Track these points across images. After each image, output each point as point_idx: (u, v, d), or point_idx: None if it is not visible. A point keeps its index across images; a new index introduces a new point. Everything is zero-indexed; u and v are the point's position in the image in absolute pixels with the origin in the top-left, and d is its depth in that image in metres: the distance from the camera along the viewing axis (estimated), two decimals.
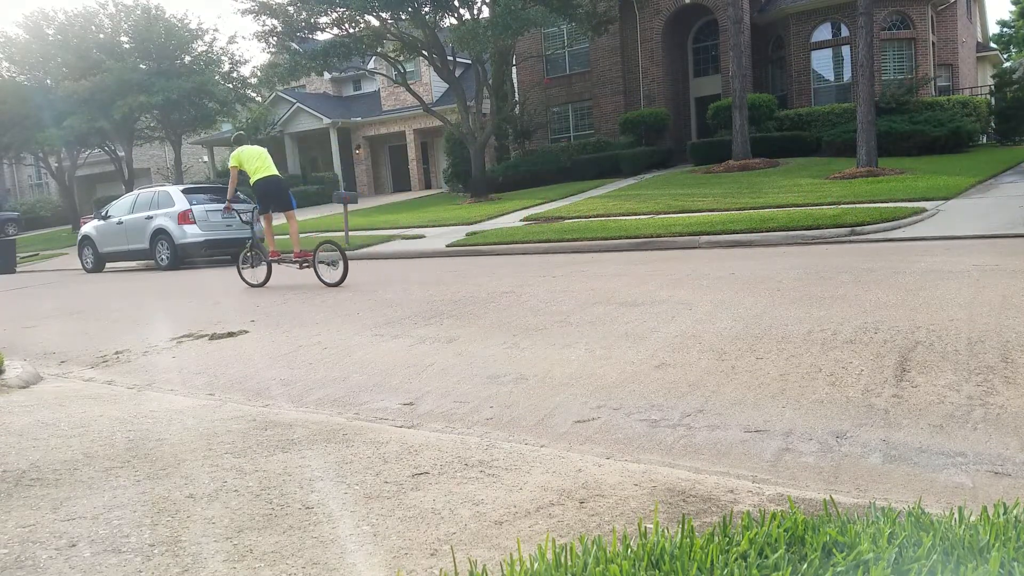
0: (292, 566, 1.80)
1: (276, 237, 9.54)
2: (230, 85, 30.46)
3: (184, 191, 14.62)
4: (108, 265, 15.99)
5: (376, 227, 17.00)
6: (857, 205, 11.07)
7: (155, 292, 10.26)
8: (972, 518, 1.68)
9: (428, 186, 32.70)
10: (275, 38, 21.61)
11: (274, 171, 8.85)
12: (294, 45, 22.12)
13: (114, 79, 26.13)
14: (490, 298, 6.41)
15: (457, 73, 23.11)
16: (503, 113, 23.88)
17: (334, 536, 1.97)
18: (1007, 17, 42.55)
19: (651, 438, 2.88)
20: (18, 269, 17.97)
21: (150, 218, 14.31)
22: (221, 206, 14.41)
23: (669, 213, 13.02)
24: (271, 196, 8.89)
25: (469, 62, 24.32)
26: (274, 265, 9.10)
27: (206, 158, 37.71)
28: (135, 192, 15.92)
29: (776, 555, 1.55)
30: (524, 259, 10.15)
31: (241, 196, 15.31)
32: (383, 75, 30.10)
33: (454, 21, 21.70)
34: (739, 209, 12.16)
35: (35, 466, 2.66)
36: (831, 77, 22.92)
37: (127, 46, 29.62)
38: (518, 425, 3.17)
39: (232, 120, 31.78)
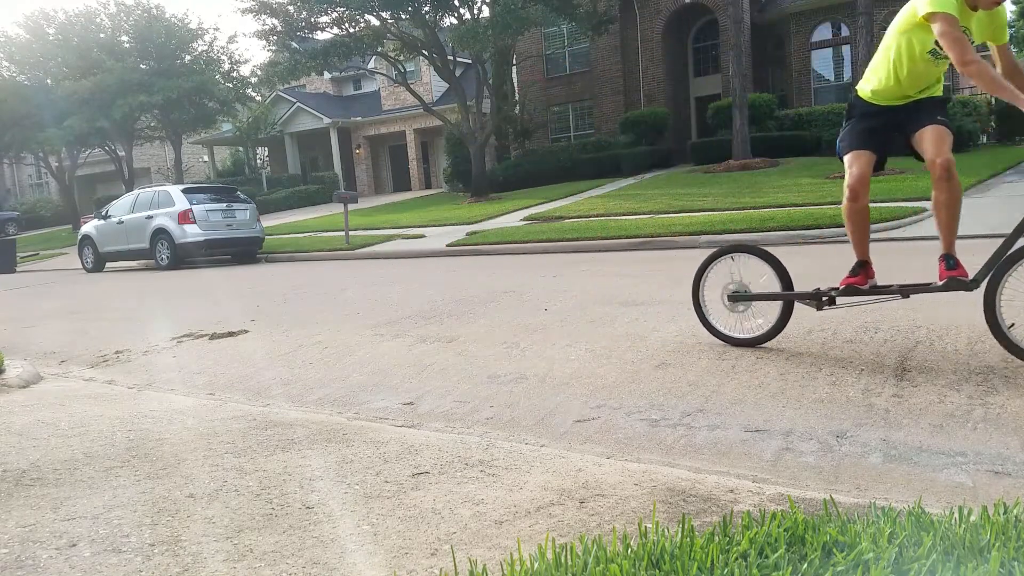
0: (292, 566, 1.80)
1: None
2: (230, 85, 30.44)
3: (184, 191, 14.62)
4: (108, 265, 15.99)
5: (376, 227, 17.00)
6: None
7: (155, 292, 10.26)
8: (972, 518, 1.68)
9: (428, 186, 32.69)
10: (275, 37, 21.62)
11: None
12: (294, 44, 22.12)
13: (114, 79, 26.13)
14: (490, 297, 6.41)
15: (457, 73, 23.10)
16: (503, 113, 23.88)
17: (334, 536, 1.97)
18: (1008, 17, 42.57)
19: (651, 438, 2.88)
20: (18, 269, 17.97)
21: (150, 218, 14.32)
22: (222, 206, 14.45)
23: (669, 213, 13.02)
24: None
25: (469, 62, 24.32)
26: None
27: (206, 158, 37.71)
28: (135, 192, 15.92)
29: (776, 555, 1.55)
30: (524, 259, 10.15)
31: (241, 196, 15.34)
32: (383, 75, 30.09)
33: (454, 21, 21.70)
34: (739, 209, 12.15)
35: (35, 466, 2.66)
36: (831, 77, 22.91)
37: (127, 46, 29.62)
38: (518, 425, 3.17)
39: (232, 120, 31.77)
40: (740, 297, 3.92)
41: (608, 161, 22.71)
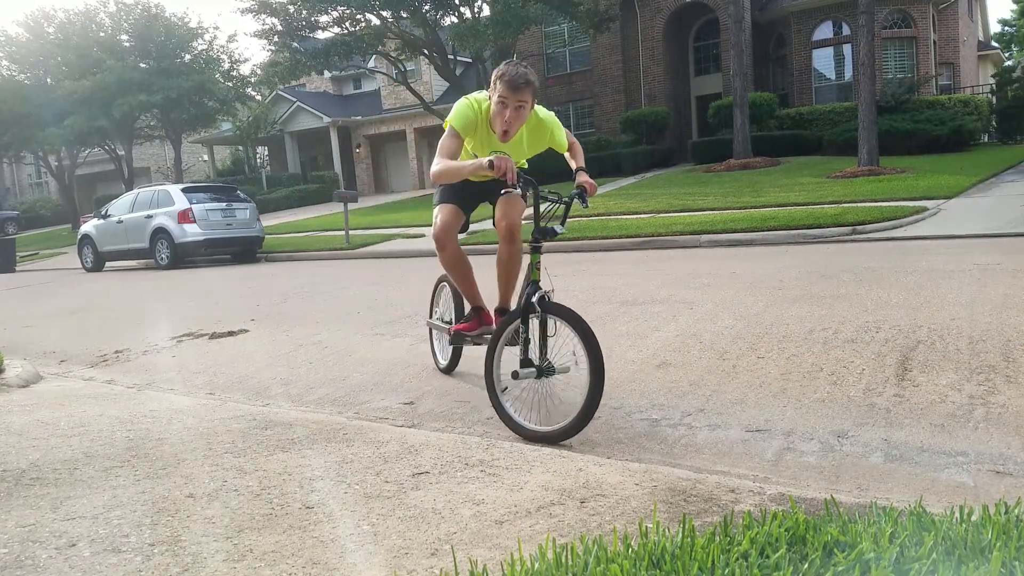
0: (292, 566, 1.80)
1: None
2: (230, 84, 30.42)
3: (184, 190, 14.62)
4: (108, 264, 15.99)
5: (377, 226, 16.99)
6: (858, 204, 11.05)
7: (155, 291, 10.26)
8: (974, 517, 1.67)
9: (429, 185, 32.64)
10: (275, 37, 21.60)
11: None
12: (295, 44, 22.10)
13: (114, 78, 26.10)
14: (491, 298, 6.40)
15: (458, 72, 23.10)
16: None
17: (334, 536, 1.96)
18: (1008, 16, 42.50)
19: (652, 437, 2.88)
20: (18, 268, 17.96)
21: (150, 217, 14.31)
22: (221, 205, 14.45)
23: (670, 212, 13.01)
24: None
25: (470, 61, 24.32)
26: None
27: (206, 157, 37.69)
28: (135, 191, 15.91)
29: (777, 555, 1.54)
30: (524, 258, 10.13)
31: (241, 195, 15.33)
32: (384, 74, 30.07)
33: (455, 19, 21.69)
34: (740, 208, 12.14)
35: (35, 465, 2.66)
36: (832, 76, 22.90)
37: (127, 45, 29.59)
38: None
39: (232, 119, 31.75)
40: None
41: (609, 160, 22.69)
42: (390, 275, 9.43)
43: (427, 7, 20.95)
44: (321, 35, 22.99)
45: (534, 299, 2.99)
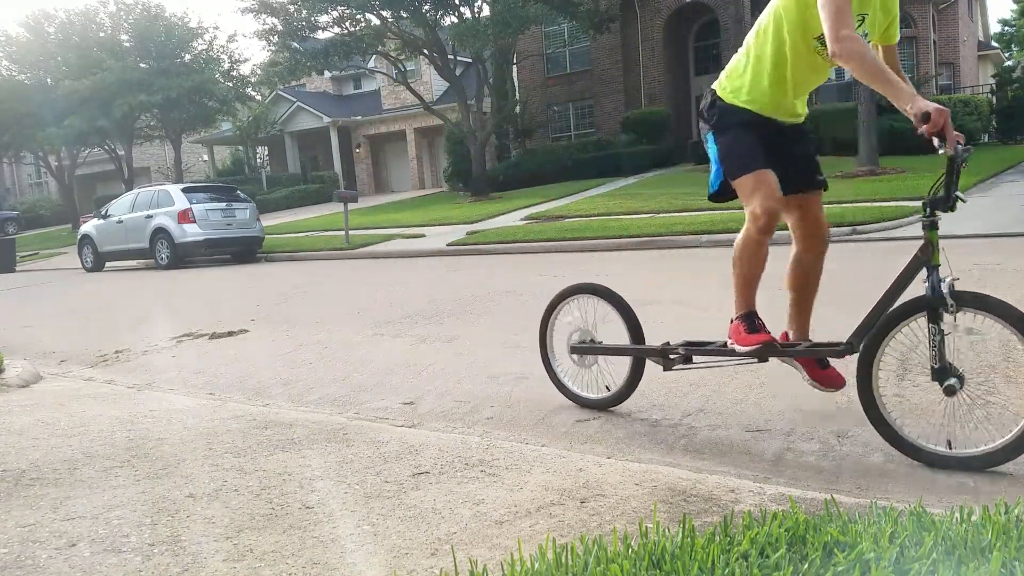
0: (292, 566, 1.80)
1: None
2: (230, 84, 30.40)
3: (184, 190, 14.62)
4: (108, 264, 15.98)
5: (376, 226, 16.99)
6: (858, 204, 11.04)
7: (155, 291, 10.25)
8: (973, 517, 1.67)
9: (429, 185, 32.68)
10: (275, 37, 21.59)
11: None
12: (295, 44, 22.08)
13: (114, 78, 26.08)
14: (490, 297, 6.40)
15: (458, 72, 23.09)
16: (504, 112, 23.86)
17: (334, 536, 1.96)
18: (1008, 16, 42.50)
19: (652, 437, 2.88)
20: (18, 268, 17.95)
21: (150, 217, 14.31)
22: (221, 205, 14.45)
23: (670, 212, 13.00)
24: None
25: (470, 61, 24.31)
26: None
27: (206, 157, 37.68)
28: (135, 191, 15.91)
29: (777, 555, 1.54)
30: (525, 258, 10.15)
31: (241, 195, 15.32)
32: (383, 74, 30.06)
33: (455, 19, 21.69)
34: (740, 208, 12.14)
35: (35, 465, 2.66)
36: (832, 75, 22.88)
37: (127, 44, 29.58)
38: (519, 424, 3.17)
39: (232, 119, 31.73)
40: None
41: (609, 160, 22.66)
42: (390, 275, 9.43)
43: (427, 7, 20.95)
44: (321, 35, 22.98)
45: (944, 289, 2.42)
